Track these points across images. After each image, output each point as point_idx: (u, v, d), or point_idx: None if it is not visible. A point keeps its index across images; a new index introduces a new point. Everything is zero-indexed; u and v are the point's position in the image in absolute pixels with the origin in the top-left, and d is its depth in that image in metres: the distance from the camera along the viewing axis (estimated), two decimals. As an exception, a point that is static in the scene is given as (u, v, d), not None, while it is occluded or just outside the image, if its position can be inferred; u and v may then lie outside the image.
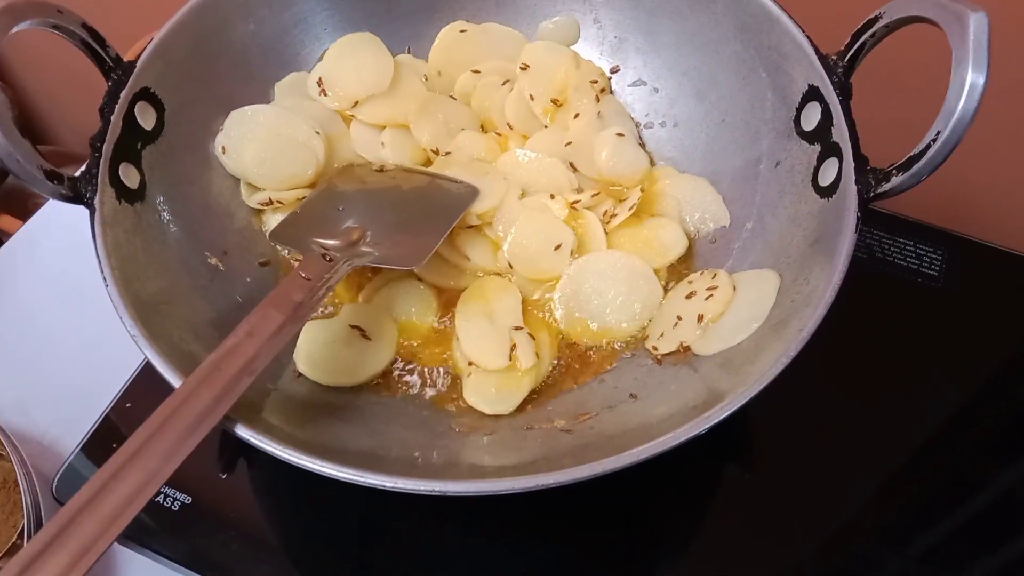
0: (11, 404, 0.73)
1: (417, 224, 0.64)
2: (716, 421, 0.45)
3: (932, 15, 0.48)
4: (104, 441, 0.68)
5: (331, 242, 0.60)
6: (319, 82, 0.70)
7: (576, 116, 0.70)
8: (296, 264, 0.66)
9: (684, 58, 0.71)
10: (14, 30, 0.50)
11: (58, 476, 0.66)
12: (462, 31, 0.74)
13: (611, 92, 0.74)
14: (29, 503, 0.63)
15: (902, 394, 0.70)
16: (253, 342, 0.48)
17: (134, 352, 0.49)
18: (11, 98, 1.51)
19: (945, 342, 0.74)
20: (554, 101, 0.71)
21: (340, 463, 0.44)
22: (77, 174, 0.54)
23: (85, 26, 0.56)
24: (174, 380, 0.47)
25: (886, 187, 0.51)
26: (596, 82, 0.72)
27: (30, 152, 0.50)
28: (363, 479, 0.44)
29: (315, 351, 0.60)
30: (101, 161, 0.55)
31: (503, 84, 0.73)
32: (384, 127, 0.71)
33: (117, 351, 0.66)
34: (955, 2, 0.47)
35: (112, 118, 0.57)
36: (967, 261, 0.78)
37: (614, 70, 0.75)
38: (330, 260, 0.57)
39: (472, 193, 0.66)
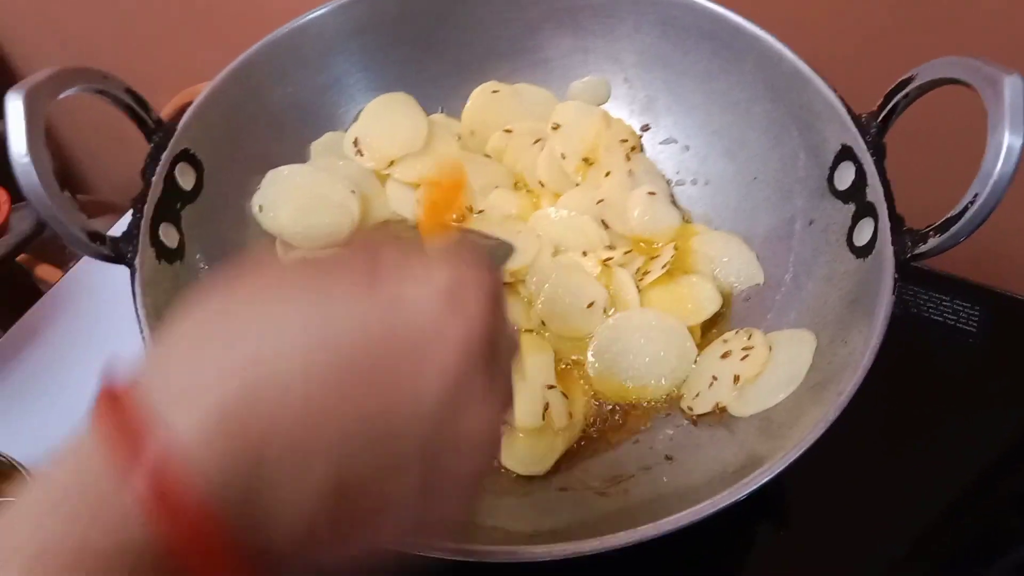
0: (44, 455, 0.73)
1: None
2: (755, 487, 0.45)
3: (966, 77, 0.48)
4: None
5: None
6: (355, 143, 0.71)
7: (607, 174, 0.71)
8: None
9: (714, 117, 0.71)
10: (62, 95, 0.52)
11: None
12: (494, 91, 0.75)
13: (642, 150, 0.75)
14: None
15: (937, 450, 0.69)
16: None
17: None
18: (50, 150, 1.54)
19: (982, 398, 0.72)
20: (585, 160, 0.72)
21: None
22: (119, 234, 0.55)
23: (129, 91, 0.57)
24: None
25: (923, 248, 0.50)
26: (626, 140, 0.73)
27: (74, 213, 0.51)
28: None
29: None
30: (143, 222, 0.56)
31: (535, 143, 0.74)
32: (419, 185, 0.72)
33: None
34: (989, 65, 0.47)
35: (153, 179, 0.58)
36: (1005, 317, 0.77)
37: (644, 128, 0.75)
38: None
39: (508, 249, 0.66)
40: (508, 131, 0.74)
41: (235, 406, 0.26)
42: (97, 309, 0.85)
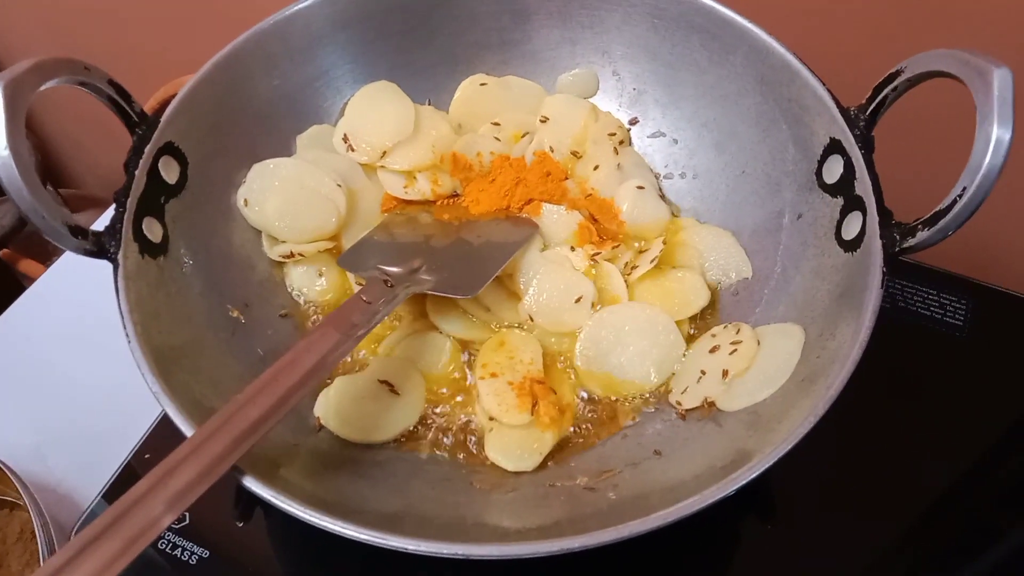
0: (28, 451, 0.73)
1: (475, 255, 0.65)
2: (743, 483, 0.44)
3: (955, 70, 0.48)
4: (124, 492, 0.67)
5: (393, 269, 0.61)
6: (344, 139, 0.71)
7: (596, 168, 0.70)
8: (336, 305, 0.67)
9: (703, 110, 0.71)
10: (43, 87, 0.51)
11: (77, 528, 0.66)
12: (482, 84, 0.75)
13: (630, 144, 0.75)
14: (46, 554, 0.62)
15: (924, 444, 0.69)
16: (310, 356, 0.49)
17: (153, 401, 0.49)
18: (33, 144, 1.53)
19: (969, 392, 0.73)
20: (574, 153, 0.72)
21: (362, 524, 0.44)
22: (101, 229, 0.54)
23: (111, 82, 0.56)
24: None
25: (911, 242, 0.50)
26: (615, 134, 0.73)
27: (55, 208, 0.50)
28: (385, 542, 0.43)
29: (344, 407, 0.59)
30: (125, 216, 0.55)
31: (523, 136, 0.73)
32: (414, 172, 0.71)
33: (136, 399, 0.65)
34: (978, 57, 0.47)
35: (136, 173, 0.57)
36: (991, 311, 0.77)
37: (633, 122, 0.75)
38: (391, 286, 0.58)
39: (531, 229, 0.66)
40: (496, 124, 0.74)
41: None
42: (80, 304, 0.84)
